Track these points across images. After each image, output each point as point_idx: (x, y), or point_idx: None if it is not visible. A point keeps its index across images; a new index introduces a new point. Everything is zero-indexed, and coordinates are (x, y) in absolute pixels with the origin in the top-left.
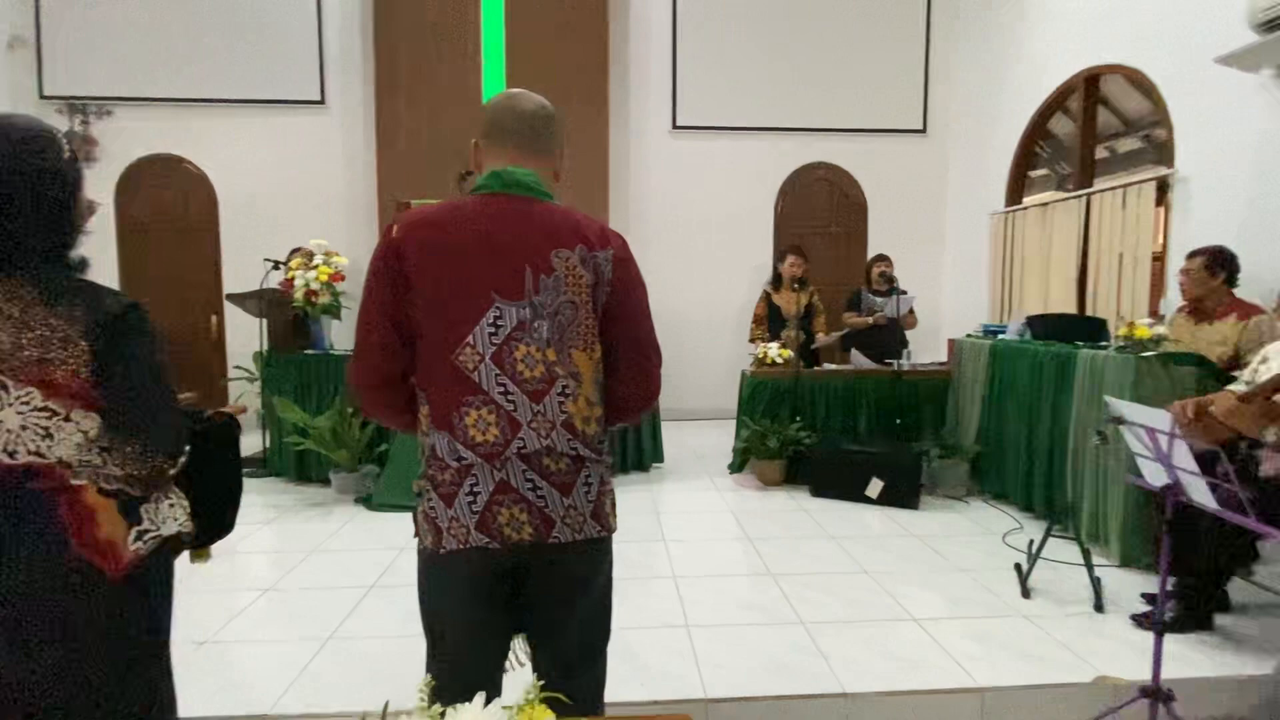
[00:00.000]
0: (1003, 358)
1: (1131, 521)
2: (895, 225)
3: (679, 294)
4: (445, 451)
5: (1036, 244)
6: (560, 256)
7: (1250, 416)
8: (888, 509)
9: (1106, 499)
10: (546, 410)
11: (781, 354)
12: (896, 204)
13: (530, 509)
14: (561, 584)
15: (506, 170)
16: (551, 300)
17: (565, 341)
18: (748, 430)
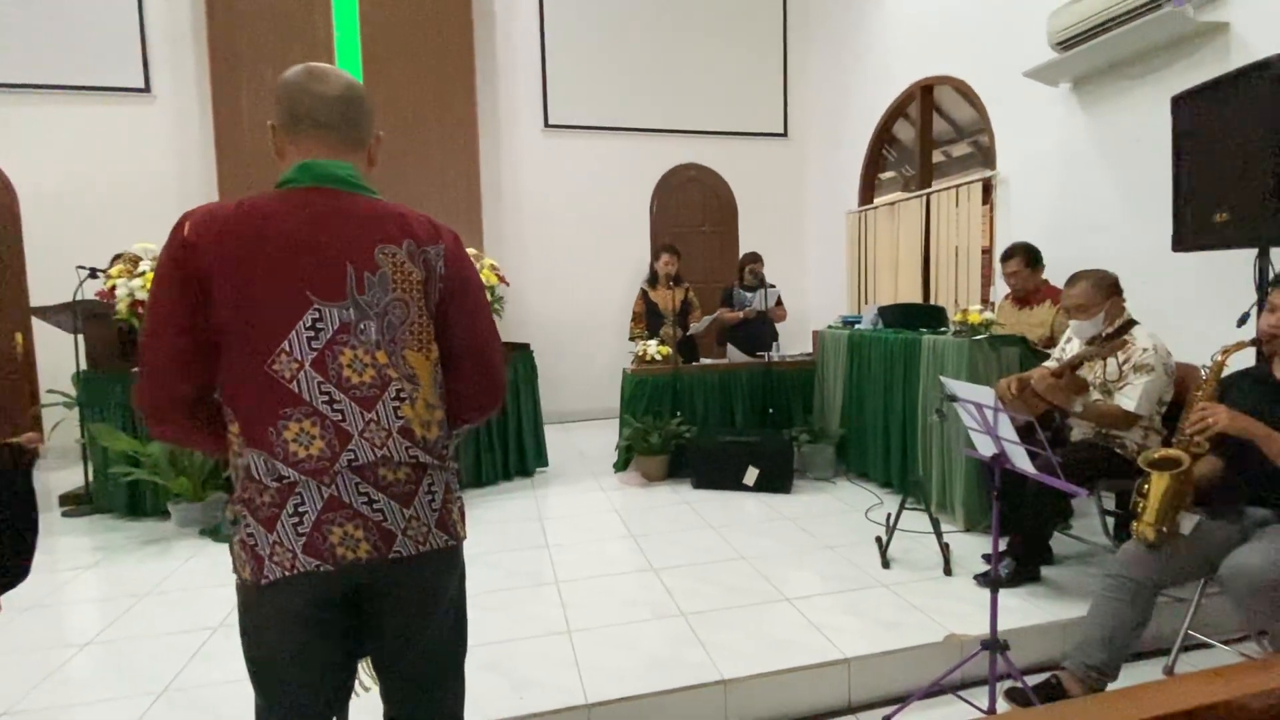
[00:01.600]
0: (859, 346)
1: (972, 490)
2: (763, 224)
3: (558, 295)
4: (262, 471)
5: (887, 240)
6: (386, 252)
7: (1062, 390)
8: (763, 495)
9: (950, 471)
10: (380, 417)
11: (660, 351)
12: (763, 204)
13: (366, 524)
14: (408, 600)
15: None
16: (379, 299)
17: (397, 342)
18: (630, 428)
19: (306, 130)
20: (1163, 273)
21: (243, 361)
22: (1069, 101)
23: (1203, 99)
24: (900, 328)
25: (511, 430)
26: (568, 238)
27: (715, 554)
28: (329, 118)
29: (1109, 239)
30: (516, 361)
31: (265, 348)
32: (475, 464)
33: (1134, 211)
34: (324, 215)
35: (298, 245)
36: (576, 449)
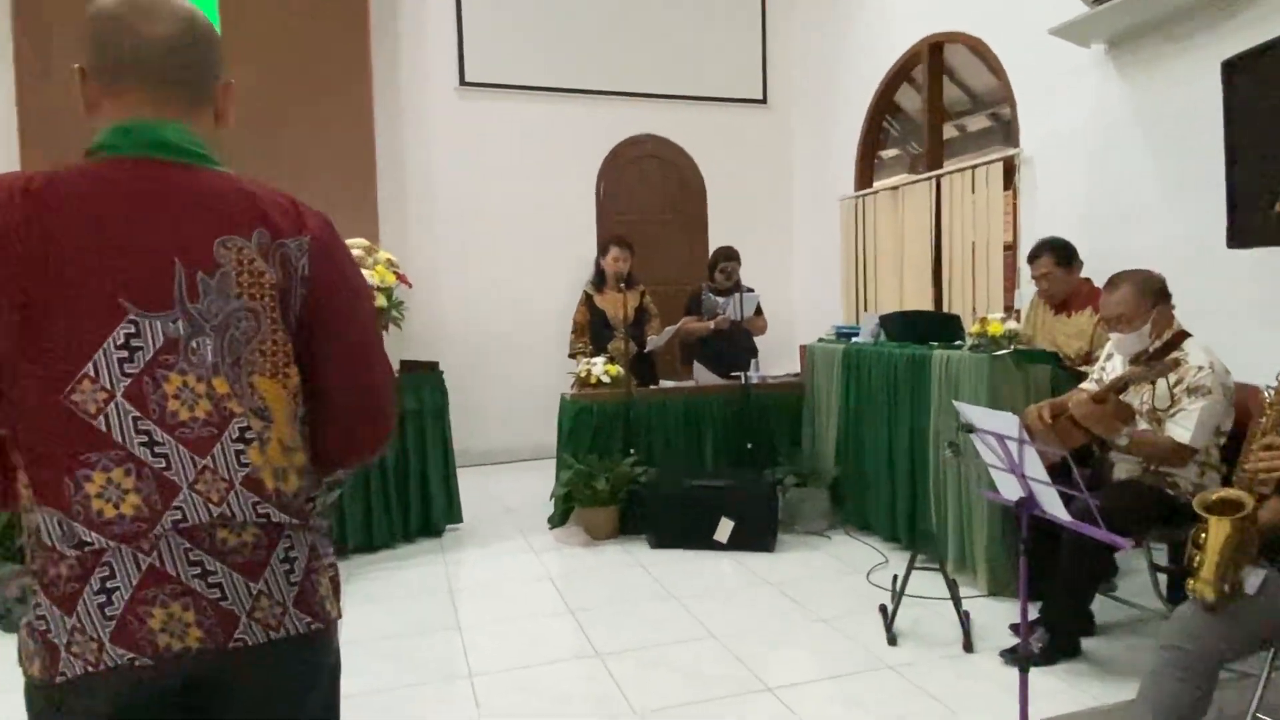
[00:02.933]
0: (857, 364)
1: (996, 544)
2: (738, 212)
3: (477, 300)
4: (57, 536)
5: (889, 233)
6: (229, 246)
7: (1105, 418)
8: (740, 554)
9: (969, 520)
10: (219, 464)
11: (609, 370)
12: (738, 187)
13: (199, 603)
14: (255, 704)
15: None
16: (218, 308)
17: (242, 365)
18: (570, 471)
19: (127, 80)
20: (1214, 272)
21: (31, 390)
22: (1104, 66)
23: (1262, 64)
24: (906, 341)
25: (413, 476)
26: (490, 227)
27: (678, 632)
28: (157, 63)
29: (1150, 232)
30: (420, 386)
31: (62, 372)
32: (364, 521)
33: (1181, 199)
34: (146, 195)
35: (109, 236)
36: (500, 499)
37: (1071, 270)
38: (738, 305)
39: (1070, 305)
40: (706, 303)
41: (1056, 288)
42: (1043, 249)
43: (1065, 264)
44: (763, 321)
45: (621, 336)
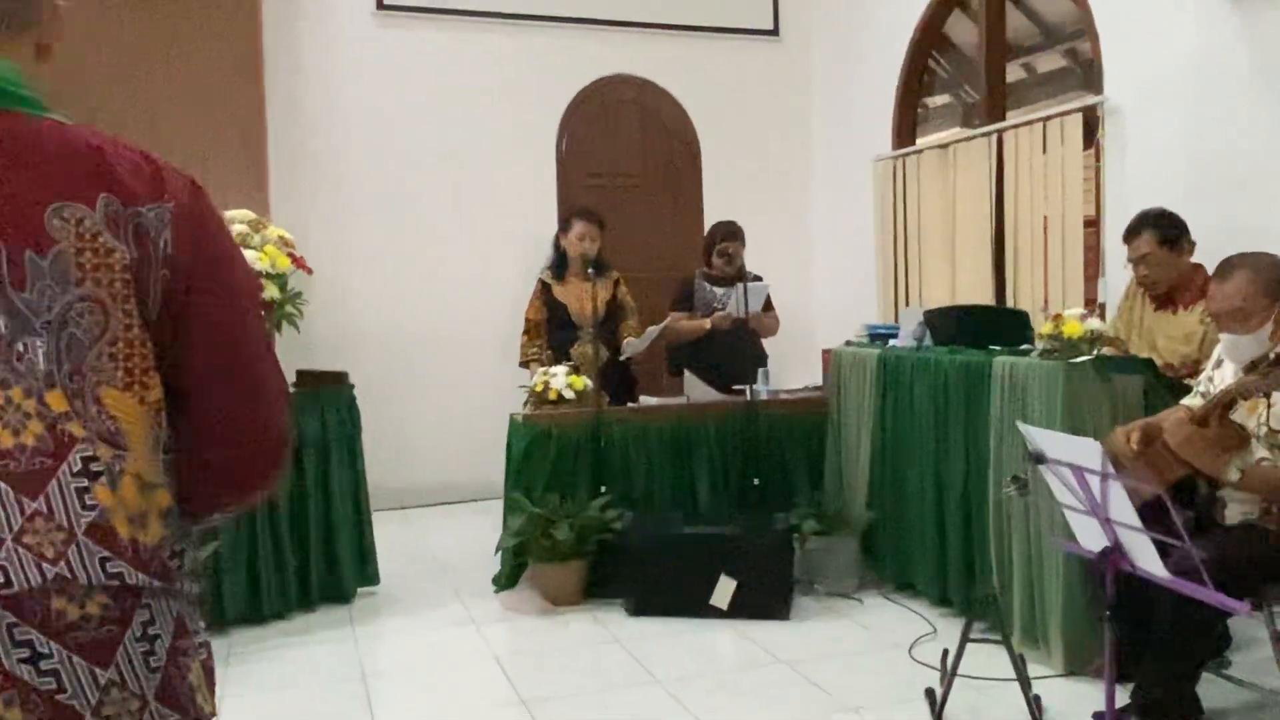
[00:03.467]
0: (895, 375)
1: (1074, 608)
2: (742, 177)
3: (401, 290)
4: None
5: (937, 204)
6: (66, 217)
7: (1208, 445)
8: (745, 623)
9: (1041, 578)
10: (54, 507)
11: (572, 383)
12: (742, 144)
13: (27, 699)
14: None
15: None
16: (52, 298)
17: (86, 375)
18: (522, 516)
19: None
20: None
21: None
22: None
23: None
24: (959, 344)
25: (314, 523)
26: (418, 197)
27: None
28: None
29: (1271, 202)
30: (324, 405)
31: None
32: (248, 585)
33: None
34: None
35: None
36: (430, 553)
37: (1179, 252)
38: (741, 298)
39: (1177, 299)
40: (701, 295)
41: (1160, 274)
42: (1144, 223)
43: (1172, 244)
44: (774, 319)
45: (589, 338)
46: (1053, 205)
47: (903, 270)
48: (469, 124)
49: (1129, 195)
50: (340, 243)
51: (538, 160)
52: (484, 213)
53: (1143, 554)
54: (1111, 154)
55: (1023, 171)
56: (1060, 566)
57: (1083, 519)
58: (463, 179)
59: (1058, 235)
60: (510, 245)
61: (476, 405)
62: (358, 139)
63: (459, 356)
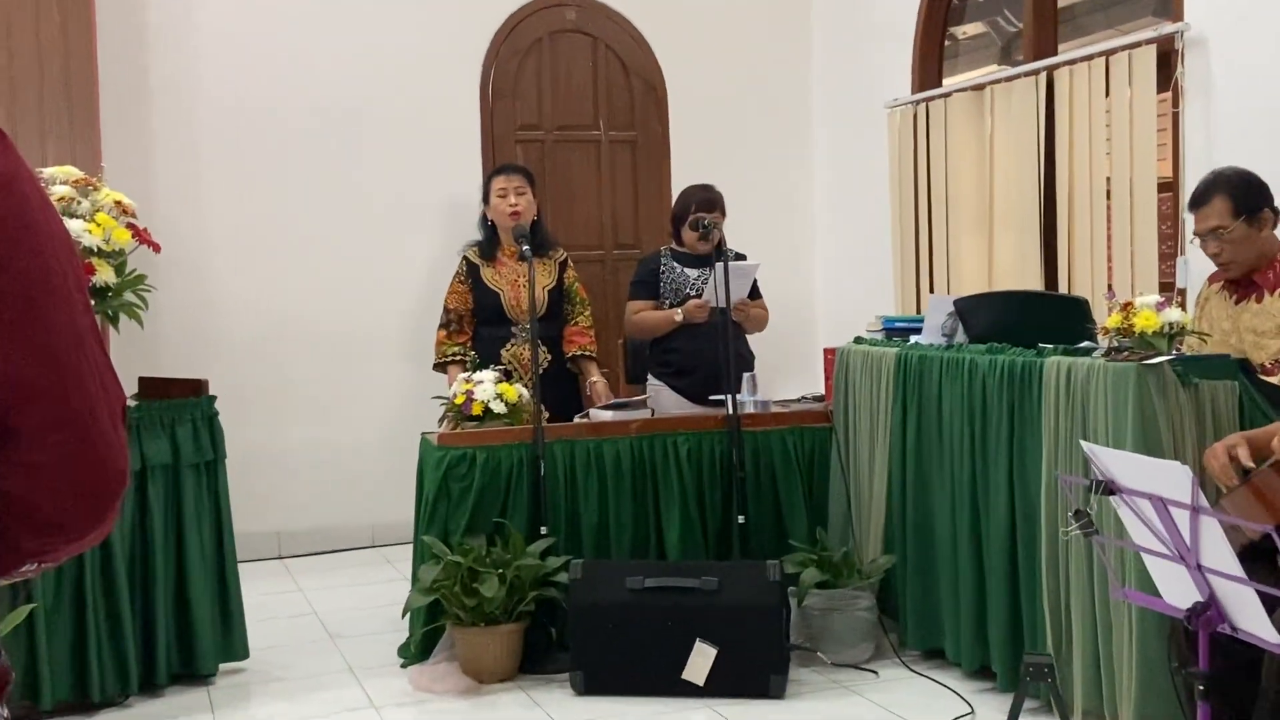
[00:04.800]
0: (919, 380)
1: (1153, 678)
2: (720, 129)
3: (278, 277)
4: None
5: (970, 162)
6: None
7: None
8: (727, 704)
9: (1109, 641)
10: None
11: (504, 394)
12: (720, 86)
13: None
14: None
15: None
16: None
17: None
18: (438, 566)
19: None
20: None
21: None
22: None
23: None
24: (1000, 341)
25: (161, 578)
26: (298, 156)
27: None
28: None
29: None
30: (173, 422)
31: None
32: (71, 661)
33: None
34: None
35: None
36: (316, 617)
37: (1260, 225)
38: (720, 283)
39: (1261, 284)
40: (669, 279)
41: (1235, 252)
42: (1214, 187)
43: (1251, 214)
44: (763, 312)
45: (526, 335)
46: (1118, 164)
47: (926, 248)
48: (364, 64)
49: (1215, 150)
50: (197, 214)
51: (455, 110)
52: (386, 178)
53: (1245, 611)
54: (1193, 97)
55: (1079, 121)
56: (1134, 627)
57: (1166, 566)
58: (357, 135)
59: (1124, 202)
60: (422, 219)
61: (377, 423)
62: (216, 79)
63: (354, 361)
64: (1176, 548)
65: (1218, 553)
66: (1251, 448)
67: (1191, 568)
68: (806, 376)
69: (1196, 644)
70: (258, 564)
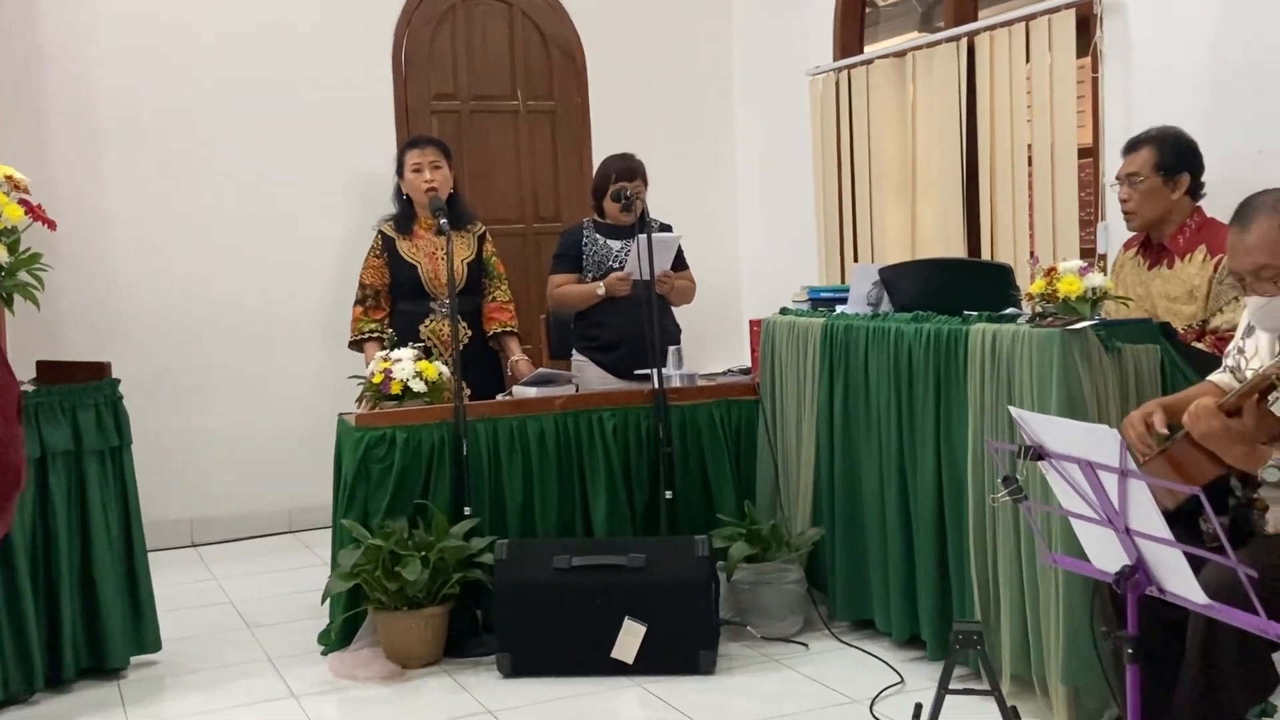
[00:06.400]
0: (846, 350)
1: (1080, 645)
2: (641, 99)
3: (184, 255)
4: None
5: (893, 130)
6: None
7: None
8: (657, 681)
9: (1038, 607)
10: None
11: (424, 371)
12: (640, 55)
13: None
14: None
15: None
16: None
17: None
18: (358, 551)
19: None
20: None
21: None
22: None
23: None
24: (925, 309)
25: (66, 569)
26: (203, 129)
27: None
28: None
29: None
30: (75, 407)
31: None
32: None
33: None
34: None
35: None
36: (231, 606)
37: (1174, 185)
38: (643, 254)
39: (1173, 249)
40: (592, 251)
41: (1141, 204)
42: (1149, 139)
43: (1169, 171)
44: (690, 284)
45: (444, 310)
46: (1039, 130)
47: (850, 216)
48: (269, 33)
49: (1134, 115)
50: (96, 190)
51: (367, 80)
52: (296, 151)
53: (1173, 572)
54: (1112, 64)
55: (1000, 87)
56: (1061, 592)
57: (1095, 530)
58: (264, 108)
59: (1045, 168)
60: (335, 193)
61: (292, 405)
62: (116, 50)
63: (266, 340)
64: (1105, 512)
65: (1146, 516)
66: (1167, 414)
67: (1120, 531)
68: (733, 348)
69: (1123, 608)
70: (169, 553)
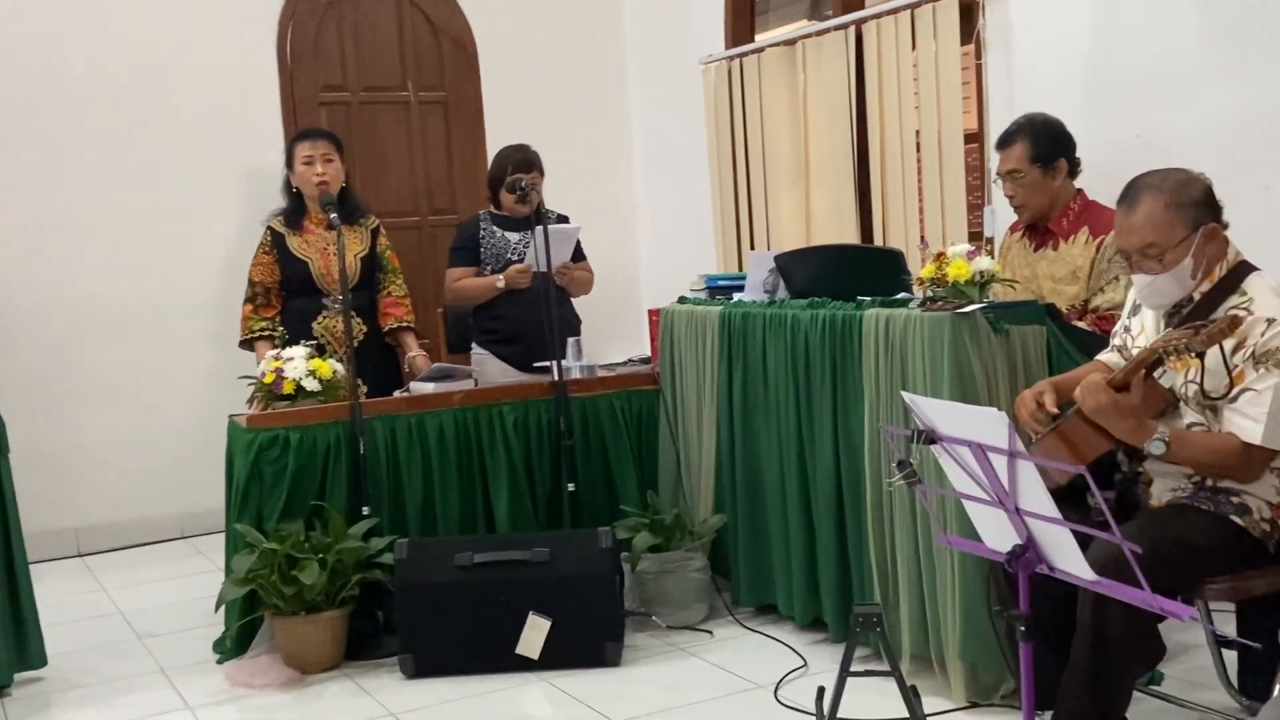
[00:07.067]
0: (743, 337)
1: (976, 623)
2: (534, 89)
3: (65, 249)
4: None
5: (785, 117)
6: None
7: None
8: (563, 675)
9: (934, 588)
10: None
11: (317, 370)
12: (533, 44)
13: None
14: None
15: None
16: None
17: None
18: (253, 555)
19: None
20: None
21: None
22: None
23: None
24: (820, 295)
25: None
26: (81, 119)
27: None
28: None
29: (1189, 108)
30: None
31: None
32: None
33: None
34: None
35: None
36: (121, 616)
37: (1053, 174)
38: (541, 246)
39: (1057, 231)
40: (489, 243)
41: (1027, 197)
42: (1017, 133)
43: (1045, 161)
44: (588, 275)
45: (337, 308)
46: (926, 116)
47: (747, 204)
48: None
49: (1017, 100)
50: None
51: (251, 73)
52: (180, 147)
53: (1061, 550)
54: (995, 50)
55: (888, 75)
56: (957, 573)
57: (987, 511)
58: (145, 102)
59: (933, 154)
60: (221, 189)
61: (181, 407)
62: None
63: (152, 341)
64: (995, 492)
65: (1034, 495)
66: (1057, 393)
67: (1010, 511)
68: (633, 338)
69: (1016, 586)
70: (54, 564)
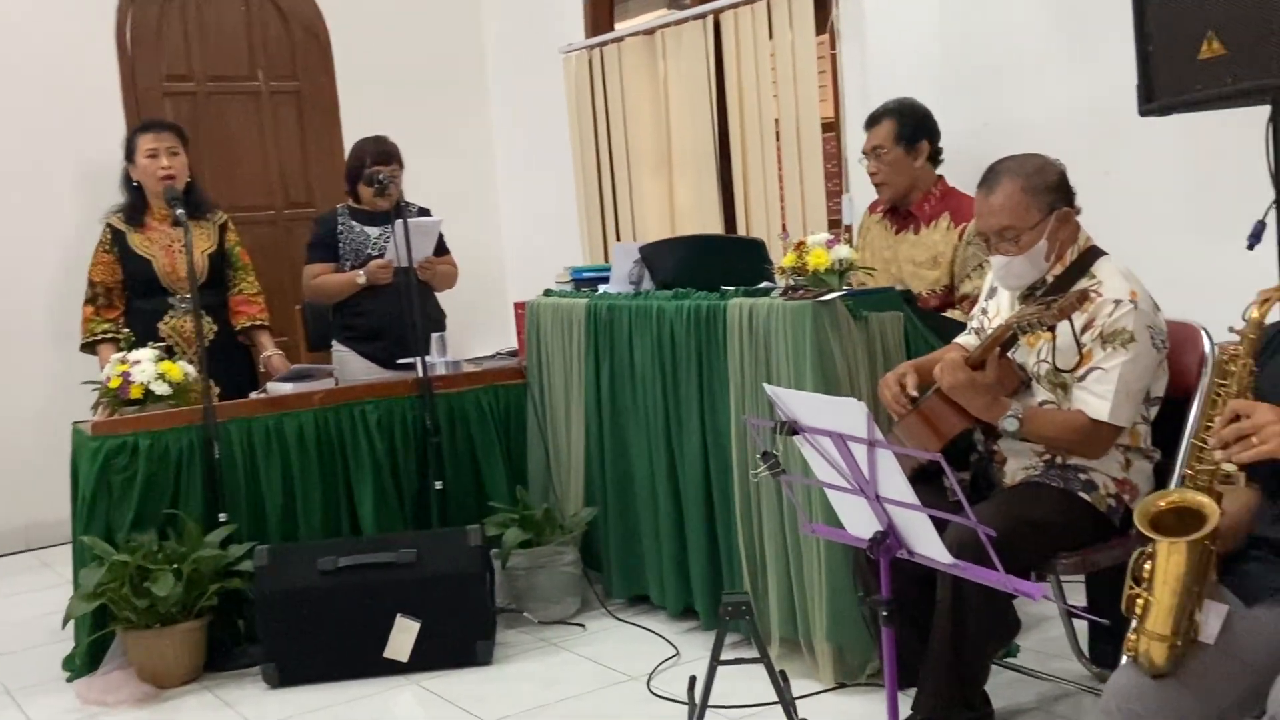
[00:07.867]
0: (610, 329)
1: (842, 609)
2: (392, 79)
3: None
4: None
5: (646, 107)
6: None
7: (983, 390)
8: (433, 677)
9: (802, 577)
10: None
11: (166, 373)
12: (388, 31)
13: None
14: None
15: None
16: None
17: None
18: (102, 567)
19: None
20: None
21: None
22: None
23: None
24: (685, 286)
25: None
26: None
27: None
28: None
29: (1035, 96)
30: None
31: None
32: None
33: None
34: None
35: None
36: None
37: (915, 154)
38: (402, 240)
39: (919, 215)
40: (348, 238)
41: (889, 175)
42: (886, 113)
43: (909, 141)
44: (451, 268)
45: (184, 309)
46: (784, 105)
47: (611, 194)
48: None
49: (871, 90)
50: None
51: (87, 61)
52: (10, 140)
53: (920, 536)
54: (849, 40)
55: (746, 64)
56: (823, 560)
57: (848, 499)
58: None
59: (792, 143)
60: (57, 184)
61: (21, 413)
62: None
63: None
64: (856, 481)
65: (893, 483)
66: (918, 375)
67: (871, 499)
68: (499, 331)
69: (879, 572)
70: None
